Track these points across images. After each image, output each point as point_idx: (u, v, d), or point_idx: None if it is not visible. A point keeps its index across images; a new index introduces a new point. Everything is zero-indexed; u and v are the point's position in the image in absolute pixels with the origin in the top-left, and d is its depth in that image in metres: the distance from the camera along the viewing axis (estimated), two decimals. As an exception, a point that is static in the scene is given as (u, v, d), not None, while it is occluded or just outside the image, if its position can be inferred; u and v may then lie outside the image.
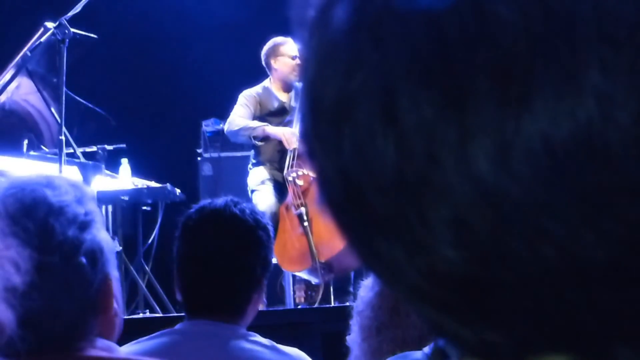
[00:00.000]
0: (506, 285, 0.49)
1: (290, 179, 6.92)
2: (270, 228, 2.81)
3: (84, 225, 1.59)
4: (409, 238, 0.50)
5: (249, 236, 2.70)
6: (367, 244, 0.53)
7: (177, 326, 2.71)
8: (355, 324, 1.95)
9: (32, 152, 6.69)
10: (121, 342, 1.86)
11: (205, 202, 2.82)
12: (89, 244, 1.58)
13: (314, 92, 0.54)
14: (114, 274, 1.66)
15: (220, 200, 2.76)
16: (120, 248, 6.69)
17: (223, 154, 8.70)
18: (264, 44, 7.46)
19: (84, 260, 1.56)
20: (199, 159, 8.82)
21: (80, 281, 1.56)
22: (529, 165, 0.46)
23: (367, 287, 1.87)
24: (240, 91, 7.41)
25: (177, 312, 6.55)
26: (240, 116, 7.24)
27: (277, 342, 2.71)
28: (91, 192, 1.68)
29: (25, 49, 6.52)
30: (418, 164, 0.48)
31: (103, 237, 1.64)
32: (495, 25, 0.47)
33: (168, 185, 7.30)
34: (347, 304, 6.51)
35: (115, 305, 1.65)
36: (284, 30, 7.39)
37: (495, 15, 0.47)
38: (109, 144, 7.48)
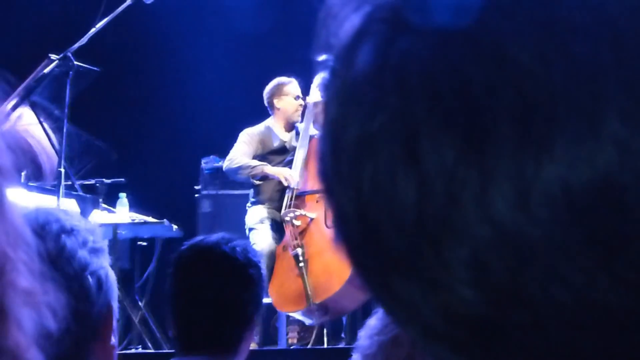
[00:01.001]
0: (520, 327, 0.50)
1: (287, 219, 6.92)
2: (262, 266, 2.82)
3: (93, 250, 1.61)
4: (426, 277, 0.51)
5: (239, 274, 2.70)
6: (383, 282, 0.54)
7: (169, 362, 2.72)
8: None
9: (30, 183, 6.69)
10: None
11: (197, 239, 2.83)
12: (96, 267, 1.60)
13: (335, 132, 0.55)
14: (115, 306, 1.67)
15: (212, 238, 2.77)
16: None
17: (222, 192, 8.69)
18: (266, 83, 7.49)
19: (90, 278, 1.57)
20: (197, 195, 8.81)
21: (85, 299, 1.57)
22: (548, 209, 0.47)
23: (374, 328, 1.84)
24: (241, 129, 7.43)
25: (169, 349, 6.52)
26: (240, 154, 7.25)
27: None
28: (100, 229, 1.72)
29: (29, 79, 6.54)
30: (438, 205, 0.49)
31: (109, 268, 1.65)
32: (517, 71, 0.48)
33: (165, 221, 7.30)
34: (341, 346, 6.49)
35: (113, 337, 1.65)
36: (286, 70, 7.42)
37: (517, 62, 0.48)
38: (107, 178, 7.49)
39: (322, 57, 0.58)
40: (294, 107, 7.37)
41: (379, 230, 0.52)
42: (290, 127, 7.43)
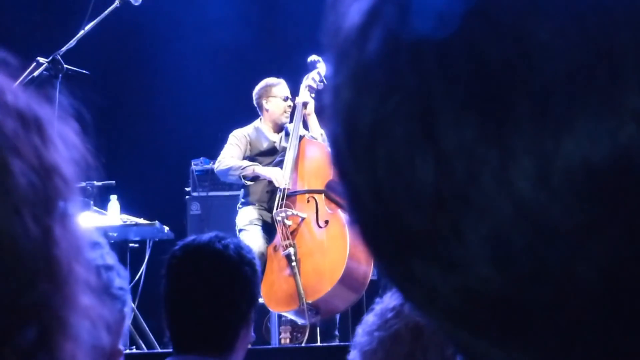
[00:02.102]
0: (541, 305, 0.49)
1: (279, 219, 6.91)
2: (257, 262, 2.81)
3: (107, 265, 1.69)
4: (445, 257, 0.50)
5: (232, 272, 2.70)
6: (401, 264, 0.53)
7: (166, 361, 2.72)
8: None
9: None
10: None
11: (189, 239, 2.83)
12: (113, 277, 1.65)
13: (349, 114, 0.54)
14: (128, 312, 1.73)
15: (205, 237, 2.77)
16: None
17: (211, 193, 8.69)
18: (255, 84, 7.48)
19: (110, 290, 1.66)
20: (187, 197, 8.80)
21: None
22: (569, 185, 0.47)
23: (373, 324, 1.83)
24: (231, 131, 7.42)
25: (161, 349, 6.51)
26: (230, 156, 7.25)
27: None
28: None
29: (17, 82, 6.51)
30: (458, 184, 0.49)
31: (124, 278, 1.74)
32: (536, 48, 0.47)
33: (157, 222, 7.29)
34: (334, 344, 6.48)
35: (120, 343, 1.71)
36: (274, 70, 7.41)
37: (536, 39, 0.47)
38: (98, 180, 7.46)
39: (328, 41, 0.57)
40: (281, 108, 7.36)
41: (396, 211, 0.51)
42: (279, 127, 7.42)
